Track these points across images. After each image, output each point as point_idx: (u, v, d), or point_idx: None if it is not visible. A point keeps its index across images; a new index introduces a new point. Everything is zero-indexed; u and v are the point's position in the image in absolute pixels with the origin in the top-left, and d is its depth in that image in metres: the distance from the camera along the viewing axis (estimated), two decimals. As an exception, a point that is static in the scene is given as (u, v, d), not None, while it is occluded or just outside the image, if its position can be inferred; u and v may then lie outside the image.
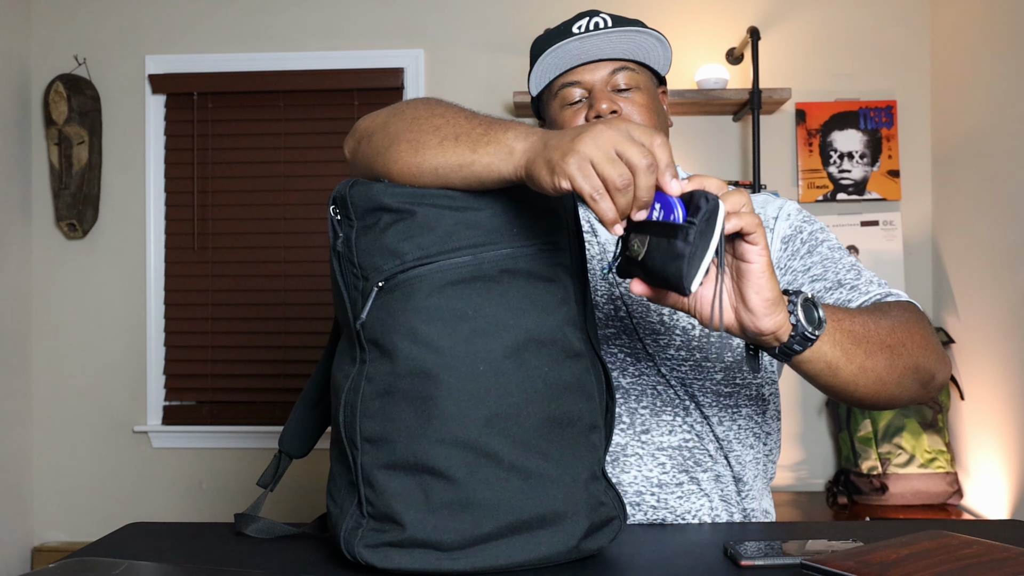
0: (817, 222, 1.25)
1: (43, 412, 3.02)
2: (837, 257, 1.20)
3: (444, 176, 0.87)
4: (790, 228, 1.23)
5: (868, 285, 1.16)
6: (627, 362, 1.20)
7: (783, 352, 0.91)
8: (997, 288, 2.46)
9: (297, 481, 2.76)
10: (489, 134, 0.86)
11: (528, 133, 0.85)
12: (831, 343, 0.93)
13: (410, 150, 0.89)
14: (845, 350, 0.95)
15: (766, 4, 2.90)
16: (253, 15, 3.00)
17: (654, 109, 1.22)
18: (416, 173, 0.89)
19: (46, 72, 3.01)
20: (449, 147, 0.87)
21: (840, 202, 2.87)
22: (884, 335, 1.00)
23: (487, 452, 0.85)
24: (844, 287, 1.16)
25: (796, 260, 1.21)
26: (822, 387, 0.99)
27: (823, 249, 1.21)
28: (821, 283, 1.17)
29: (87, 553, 0.95)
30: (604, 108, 1.18)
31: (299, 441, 1.09)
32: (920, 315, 1.10)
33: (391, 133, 0.93)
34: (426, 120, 0.91)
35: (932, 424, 2.62)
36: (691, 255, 0.78)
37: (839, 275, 1.18)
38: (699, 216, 0.79)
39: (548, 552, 0.87)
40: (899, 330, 1.02)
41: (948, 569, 0.80)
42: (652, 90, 1.25)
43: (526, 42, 2.93)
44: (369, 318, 0.88)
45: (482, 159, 0.85)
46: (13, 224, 2.94)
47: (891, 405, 1.06)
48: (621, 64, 1.21)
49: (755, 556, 0.90)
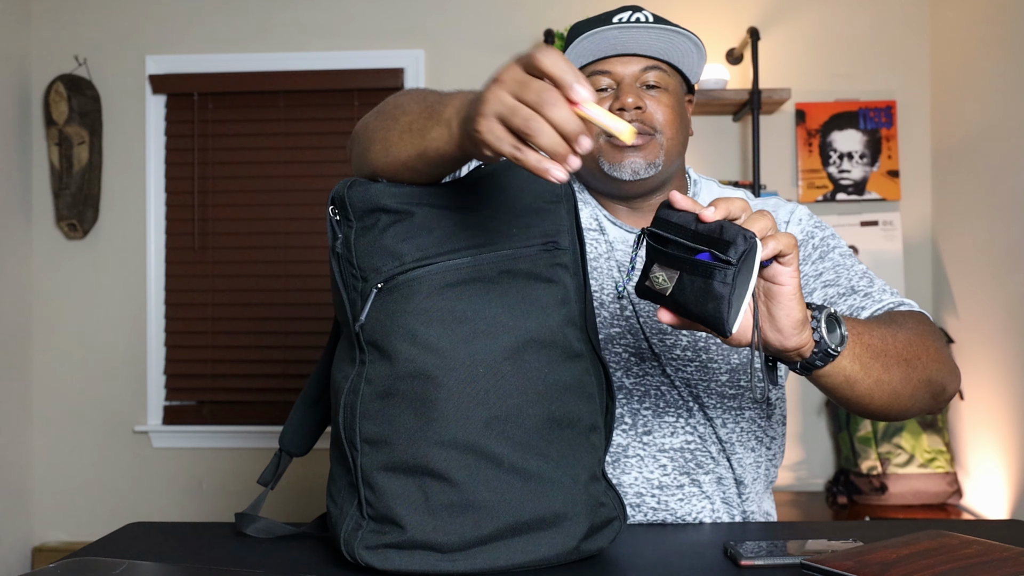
0: (828, 228, 1.25)
1: (43, 412, 3.02)
2: (849, 264, 1.21)
3: (414, 168, 0.87)
4: (801, 233, 1.23)
5: (881, 293, 1.17)
6: (631, 362, 1.19)
7: (804, 367, 0.92)
8: (997, 288, 2.46)
9: (297, 481, 2.76)
10: (433, 116, 0.84)
11: (462, 104, 0.80)
12: (851, 358, 0.94)
13: (382, 150, 0.90)
14: (864, 364, 0.95)
15: (766, 4, 2.90)
16: (253, 15, 3.00)
17: (678, 112, 1.20)
18: (392, 172, 0.89)
19: (46, 72, 3.01)
20: (407, 139, 0.86)
21: (840, 202, 2.87)
22: (901, 349, 1.00)
23: (487, 454, 0.85)
24: (858, 294, 1.17)
25: (807, 265, 1.21)
26: (838, 399, 0.99)
27: (834, 256, 1.21)
28: (834, 288, 1.18)
29: (87, 553, 0.96)
30: (629, 102, 1.16)
31: (299, 440, 1.09)
32: (932, 327, 1.10)
33: (369, 134, 0.94)
34: (389, 115, 0.91)
35: (932, 424, 2.62)
36: (731, 296, 0.77)
37: (852, 281, 1.18)
38: (738, 257, 0.76)
39: (548, 553, 0.87)
40: (915, 344, 1.03)
41: (948, 569, 0.80)
42: (680, 95, 1.23)
43: (526, 42, 2.93)
44: (368, 319, 0.88)
45: (431, 144, 0.83)
46: (13, 224, 2.94)
47: (902, 416, 1.06)
48: (654, 63, 1.19)
49: (755, 556, 0.90)
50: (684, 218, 0.82)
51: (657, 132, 1.17)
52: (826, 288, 1.18)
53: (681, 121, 1.21)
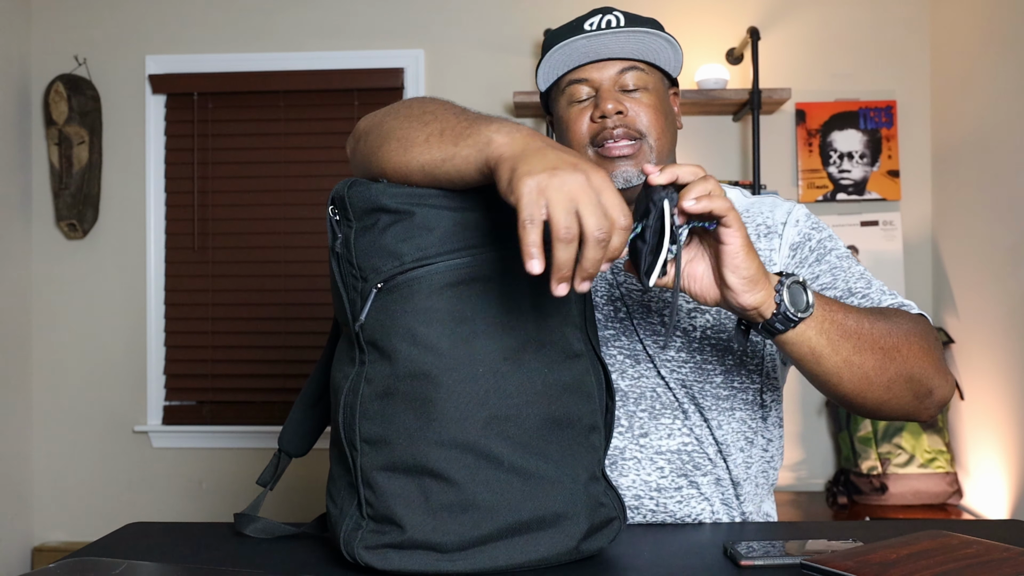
0: (826, 229, 1.24)
1: (43, 412, 3.02)
2: (846, 266, 1.20)
3: (430, 173, 0.87)
4: (799, 235, 1.22)
5: (880, 295, 1.17)
6: (626, 364, 1.19)
7: (766, 328, 0.95)
8: (997, 288, 2.46)
9: (297, 481, 2.76)
10: (473, 128, 0.85)
11: (513, 130, 0.82)
12: (817, 330, 0.96)
13: (400, 148, 0.89)
14: (831, 340, 0.97)
15: (766, 4, 2.90)
16: (253, 15, 3.00)
17: (662, 110, 1.20)
18: (405, 172, 0.89)
19: (46, 72, 3.01)
20: (435, 143, 0.86)
21: (840, 202, 2.87)
22: (878, 336, 1.01)
23: (487, 454, 0.85)
24: (855, 295, 1.17)
25: (804, 268, 1.20)
26: (807, 374, 1.01)
27: (831, 258, 1.20)
28: (831, 291, 1.17)
29: (87, 553, 0.96)
30: (610, 108, 1.15)
31: (299, 440, 1.09)
32: (927, 328, 1.10)
33: (384, 132, 0.93)
34: (416, 118, 0.91)
35: (932, 424, 2.62)
36: (645, 252, 0.88)
37: (849, 283, 1.18)
38: (650, 217, 0.87)
39: (548, 553, 0.87)
40: (895, 335, 1.03)
41: (947, 569, 0.80)
42: (662, 91, 1.22)
43: (526, 42, 2.93)
44: (368, 319, 0.88)
45: (462, 151, 0.84)
46: (13, 224, 2.94)
47: (880, 410, 1.06)
48: (630, 64, 1.18)
49: (755, 556, 0.90)
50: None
51: (643, 136, 1.17)
52: (823, 291, 1.17)
53: (666, 119, 1.20)
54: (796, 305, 0.94)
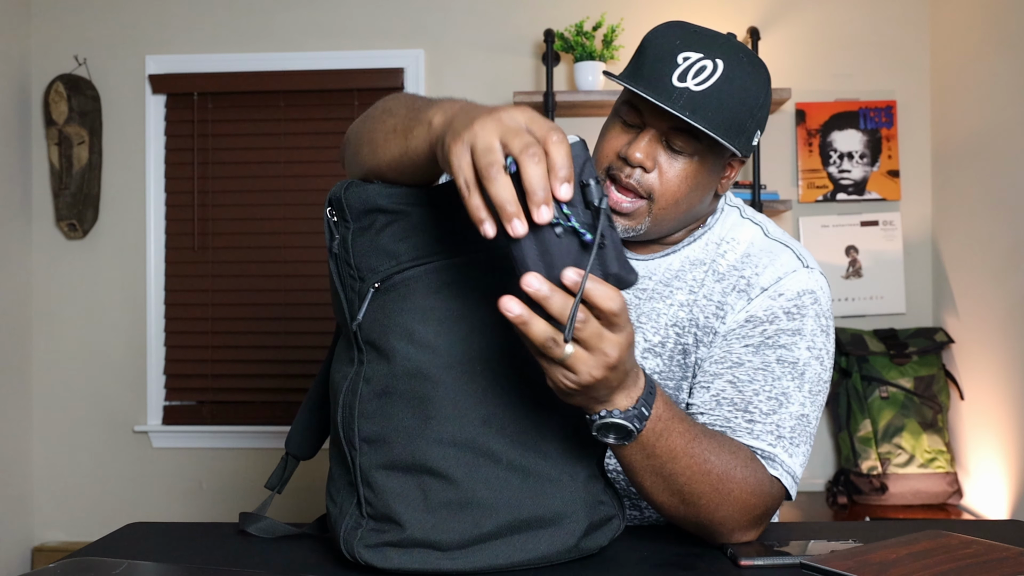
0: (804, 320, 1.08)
1: (43, 412, 3.02)
2: (775, 377, 1.05)
3: (397, 170, 0.87)
4: (765, 312, 1.09)
5: (767, 432, 1.03)
6: None
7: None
8: (997, 288, 2.46)
9: (298, 481, 2.75)
10: (416, 118, 0.82)
11: (448, 107, 0.78)
12: (635, 451, 0.88)
13: (370, 152, 0.90)
14: (642, 467, 0.89)
15: (766, 4, 2.90)
16: (253, 15, 3.00)
17: (691, 182, 1.07)
18: (379, 174, 0.89)
19: (46, 72, 3.01)
20: (392, 140, 0.86)
21: (840, 202, 2.87)
22: (688, 482, 0.92)
23: (485, 451, 0.85)
24: (749, 411, 1.04)
25: (738, 343, 1.08)
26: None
27: (770, 357, 1.07)
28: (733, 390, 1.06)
29: (87, 553, 0.95)
30: (637, 158, 1.05)
31: (305, 443, 1.10)
32: (760, 489, 0.98)
33: (359, 137, 0.94)
34: (378, 119, 0.91)
35: (932, 424, 2.62)
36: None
37: (756, 396, 1.04)
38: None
39: (547, 551, 0.87)
40: (708, 491, 0.93)
41: (947, 569, 0.80)
42: (707, 162, 1.08)
43: (526, 42, 2.93)
44: (366, 319, 0.88)
45: (412, 144, 0.83)
46: (13, 224, 2.94)
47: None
48: (688, 126, 1.04)
49: (755, 556, 0.90)
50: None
51: (650, 198, 1.07)
52: (726, 384, 1.06)
53: (692, 190, 1.08)
54: (617, 433, 0.83)
